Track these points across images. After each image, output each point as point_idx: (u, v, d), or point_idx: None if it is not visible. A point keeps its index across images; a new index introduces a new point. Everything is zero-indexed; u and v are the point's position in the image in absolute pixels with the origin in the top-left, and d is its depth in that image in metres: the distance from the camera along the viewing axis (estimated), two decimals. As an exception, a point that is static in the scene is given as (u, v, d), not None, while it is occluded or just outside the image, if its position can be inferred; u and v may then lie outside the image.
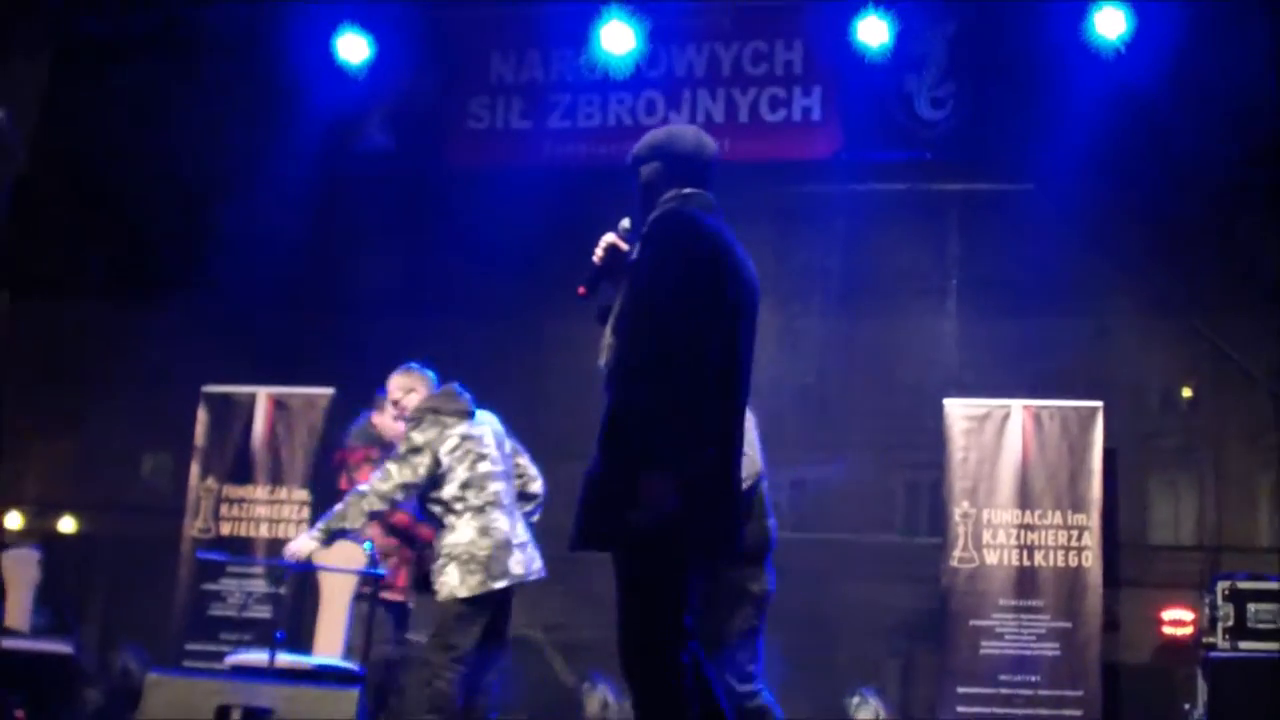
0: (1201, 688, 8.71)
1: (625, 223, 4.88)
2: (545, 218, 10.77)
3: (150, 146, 11.88)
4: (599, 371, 4.69)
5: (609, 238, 4.84)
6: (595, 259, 4.83)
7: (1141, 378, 12.28)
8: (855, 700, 10.23)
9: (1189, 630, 11.15)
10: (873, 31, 10.73)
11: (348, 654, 8.10)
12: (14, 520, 12.10)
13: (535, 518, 7.80)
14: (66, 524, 12.61)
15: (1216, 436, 12.79)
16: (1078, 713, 9.86)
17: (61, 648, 10.38)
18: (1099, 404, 10.33)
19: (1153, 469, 12.64)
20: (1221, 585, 8.83)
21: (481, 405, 7.45)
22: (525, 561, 7.42)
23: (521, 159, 11.64)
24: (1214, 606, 8.88)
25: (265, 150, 11.57)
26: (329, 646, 8.32)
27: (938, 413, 10.43)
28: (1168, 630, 11.32)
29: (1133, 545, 11.83)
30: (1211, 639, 8.81)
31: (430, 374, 7.59)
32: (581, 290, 4.85)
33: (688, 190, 4.78)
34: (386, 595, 8.03)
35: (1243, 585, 8.80)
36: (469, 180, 11.85)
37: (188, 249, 11.75)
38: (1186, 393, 13.96)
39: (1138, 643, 11.34)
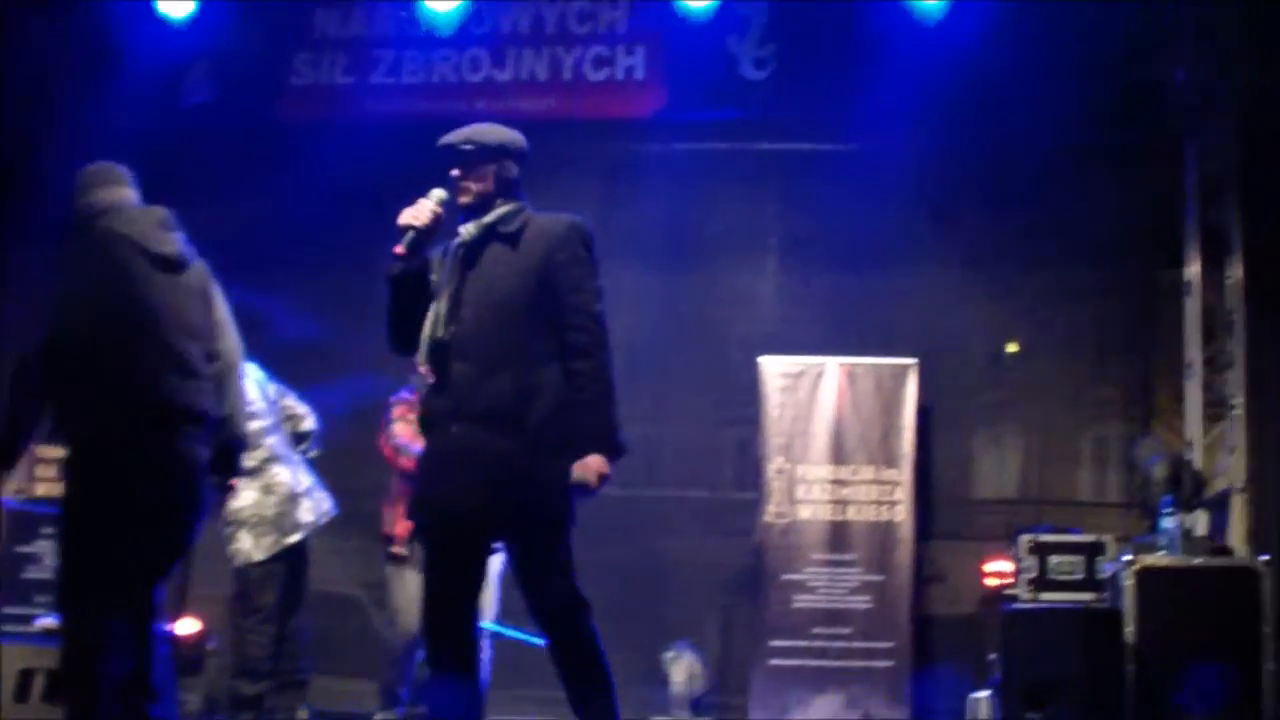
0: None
1: (441, 193, 5.06)
2: (369, 174, 10.71)
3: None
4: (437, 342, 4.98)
5: (433, 206, 5.00)
6: (419, 223, 4.97)
7: (966, 335, 12.43)
8: (670, 655, 10.35)
9: (1012, 582, 11.38)
10: (699, -9, 10.87)
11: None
12: None
13: (313, 453, 7.87)
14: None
15: (1040, 392, 12.96)
16: (889, 663, 10.11)
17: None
18: (913, 361, 10.54)
19: (976, 424, 12.79)
20: (1024, 539, 9.06)
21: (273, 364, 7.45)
22: (314, 507, 7.49)
23: (345, 115, 11.60)
24: (1019, 559, 9.12)
25: (89, 105, 11.42)
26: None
27: (754, 370, 10.58)
28: (990, 582, 11.52)
29: (956, 499, 12.01)
30: (1014, 591, 9.05)
31: None
32: (400, 250, 4.96)
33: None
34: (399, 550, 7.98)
35: (1045, 539, 9.04)
36: (295, 135, 11.75)
37: (18, 213, 11.54)
38: (1012, 348, 14.16)
39: (962, 595, 11.52)
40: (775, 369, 10.55)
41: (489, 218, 5.04)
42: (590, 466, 4.81)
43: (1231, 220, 10.80)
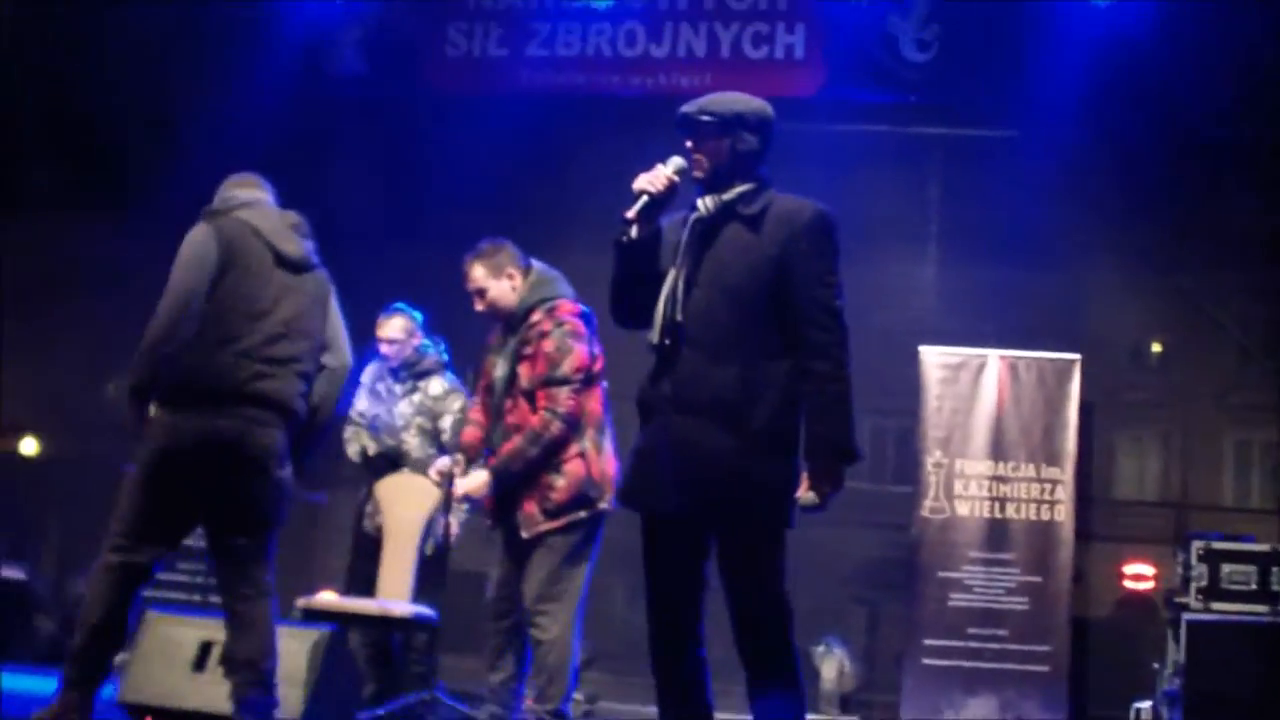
0: (1172, 648, 8.63)
1: (680, 162, 4.75)
2: (521, 147, 10.58)
3: (125, 67, 11.60)
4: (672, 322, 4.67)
5: (670, 173, 4.71)
6: (654, 189, 4.68)
7: (1113, 332, 12.15)
8: (820, 649, 10.13)
9: (1150, 585, 11.10)
10: (858, -29, 10.64)
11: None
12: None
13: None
14: (28, 446, 12.30)
15: (1185, 393, 12.66)
16: (1045, 668, 9.80)
17: (15, 574, 10.18)
18: (1077, 356, 10.22)
19: (1120, 424, 12.52)
20: (1196, 545, 8.72)
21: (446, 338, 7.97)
22: None
23: (498, 87, 11.46)
24: (1187, 565, 8.78)
25: (239, 71, 11.32)
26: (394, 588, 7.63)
27: (914, 360, 10.31)
28: (1129, 585, 11.24)
29: (1099, 500, 11.72)
30: (1184, 599, 8.72)
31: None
32: (630, 215, 4.67)
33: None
34: None
35: (1217, 545, 8.70)
36: (445, 107, 11.61)
37: (159, 171, 11.46)
38: (1157, 348, 13.87)
39: (1100, 597, 11.27)
40: (935, 359, 10.26)
41: (728, 195, 4.72)
42: (823, 481, 4.52)
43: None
